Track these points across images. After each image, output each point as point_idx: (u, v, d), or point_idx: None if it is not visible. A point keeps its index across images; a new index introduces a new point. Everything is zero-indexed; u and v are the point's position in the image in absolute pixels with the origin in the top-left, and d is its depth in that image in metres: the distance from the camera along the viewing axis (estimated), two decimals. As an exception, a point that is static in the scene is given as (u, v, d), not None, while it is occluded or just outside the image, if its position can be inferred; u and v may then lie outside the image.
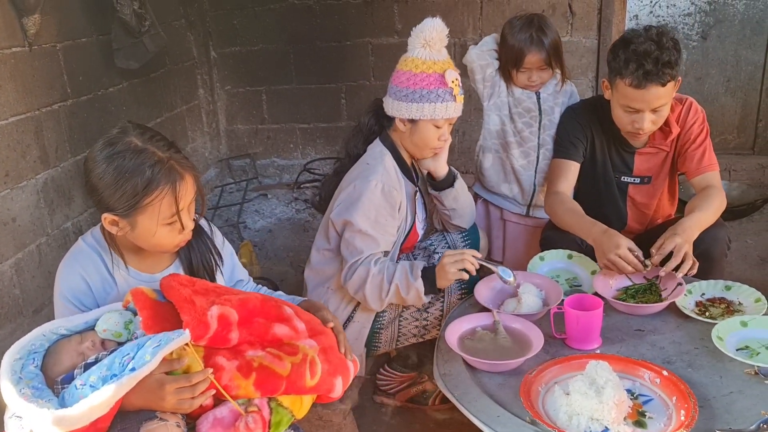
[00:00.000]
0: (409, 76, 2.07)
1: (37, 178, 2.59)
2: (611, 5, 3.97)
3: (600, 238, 2.04)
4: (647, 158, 2.35)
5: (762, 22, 3.98)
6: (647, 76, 2.02)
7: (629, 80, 2.06)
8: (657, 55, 2.02)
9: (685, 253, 1.93)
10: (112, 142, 1.51)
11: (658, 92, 2.06)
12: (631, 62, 2.04)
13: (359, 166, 2.17)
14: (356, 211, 2.06)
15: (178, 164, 1.53)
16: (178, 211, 1.53)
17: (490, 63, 2.60)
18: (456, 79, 2.08)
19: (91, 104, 2.98)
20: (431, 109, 2.06)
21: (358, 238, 2.06)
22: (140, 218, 1.51)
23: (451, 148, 2.29)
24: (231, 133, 4.60)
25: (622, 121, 2.20)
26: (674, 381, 1.57)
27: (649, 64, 2.01)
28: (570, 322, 1.80)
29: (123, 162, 1.47)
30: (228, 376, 1.41)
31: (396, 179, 2.14)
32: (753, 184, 3.94)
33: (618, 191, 2.41)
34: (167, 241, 1.58)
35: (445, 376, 1.73)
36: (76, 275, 1.60)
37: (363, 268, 2.04)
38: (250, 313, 1.51)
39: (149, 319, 1.42)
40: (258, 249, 3.61)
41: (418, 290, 2.02)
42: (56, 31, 2.72)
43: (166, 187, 1.49)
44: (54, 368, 1.43)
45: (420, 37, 2.07)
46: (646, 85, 2.04)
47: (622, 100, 2.13)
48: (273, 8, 4.24)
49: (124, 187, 1.47)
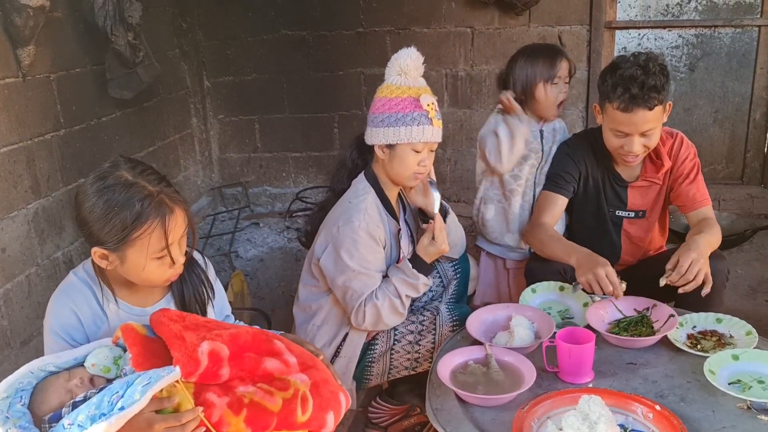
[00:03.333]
0: (384, 102, 2.09)
1: (28, 208, 2.58)
2: (600, 38, 4.04)
3: (582, 258, 2.07)
4: (641, 192, 2.37)
5: (748, 55, 4.05)
6: (633, 99, 2.06)
7: (617, 104, 2.10)
8: (643, 80, 2.06)
9: (701, 270, 1.94)
10: (103, 176, 1.51)
11: (645, 116, 2.09)
12: (618, 86, 2.08)
13: (342, 204, 2.17)
14: (344, 256, 2.06)
15: (168, 198, 1.53)
16: (168, 245, 1.53)
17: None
18: (432, 104, 2.09)
19: (83, 134, 2.99)
20: (407, 133, 2.06)
21: (354, 281, 2.06)
22: (129, 252, 1.51)
23: (443, 177, 2.31)
24: (223, 161, 4.61)
25: (612, 145, 2.23)
26: (667, 416, 1.56)
27: (635, 88, 2.05)
28: (562, 356, 1.80)
29: (113, 196, 1.47)
30: (218, 413, 1.40)
31: (378, 218, 2.14)
32: (742, 213, 3.97)
33: (613, 225, 2.42)
34: (157, 275, 1.58)
35: (437, 411, 1.71)
36: (67, 310, 1.59)
37: (370, 306, 2.06)
38: (240, 348, 1.50)
39: (139, 356, 1.41)
40: (249, 278, 3.59)
41: (425, 284, 2.13)
42: (50, 62, 2.73)
43: (156, 221, 1.49)
44: (42, 406, 1.41)
45: (395, 65, 2.09)
46: (633, 109, 2.07)
47: (611, 124, 2.17)
48: (266, 39, 4.29)
49: (113, 220, 1.47)
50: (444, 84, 4.22)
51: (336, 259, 2.08)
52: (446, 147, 4.28)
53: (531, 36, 4.05)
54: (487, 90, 4.18)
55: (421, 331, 2.21)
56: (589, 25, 4.03)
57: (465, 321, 2.06)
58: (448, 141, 4.26)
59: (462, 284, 2.45)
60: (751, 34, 4.03)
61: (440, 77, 4.21)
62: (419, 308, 2.28)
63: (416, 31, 4.16)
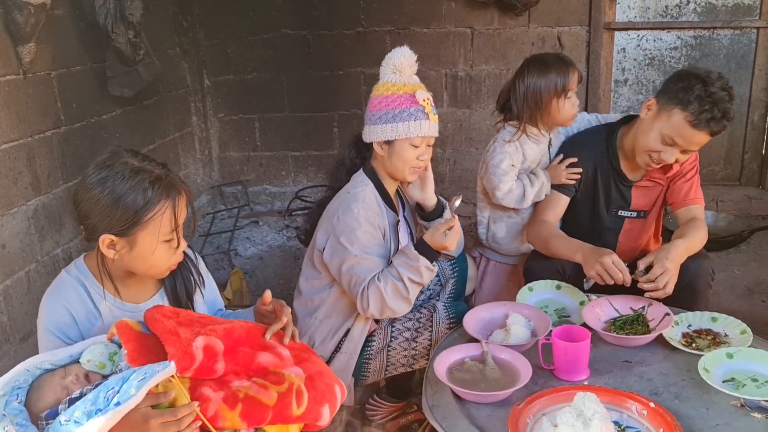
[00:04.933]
0: (381, 99, 2.11)
1: (28, 205, 2.59)
2: (599, 39, 4.05)
3: (589, 252, 2.07)
4: (644, 192, 2.37)
5: (746, 57, 4.06)
6: (710, 122, 2.04)
7: (692, 117, 2.05)
8: (727, 107, 2.04)
9: (670, 281, 1.96)
10: (106, 164, 1.53)
11: (704, 138, 2.08)
12: (705, 102, 2.03)
13: (340, 196, 2.19)
14: (345, 243, 2.06)
15: (175, 181, 1.56)
16: (177, 226, 1.55)
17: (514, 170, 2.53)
18: (427, 99, 2.11)
19: (84, 131, 3.00)
20: (405, 128, 2.07)
21: (356, 267, 2.06)
22: (141, 235, 1.52)
23: (442, 177, 2.32)
24: (223, 160, 4.62)
25: (651, 147, 2.16)
26: (661, 413, 1.58)
27: (718, 112, 2.03)
28: (558, 354, 1.81)
29: (122, 181, 1.49)
30: (214, 408, 1.41)
31: (376, 207, 2.15)
32: (740, 215, 3.98)
33: (611, 225, 2.43)
34: (163, 260, 1.59)
35: (433, 407, 1.72)
36: (60, 307, 1.59)
37: (373, 289, 2.03)
38: (235, 343, 1.51)
39: (134, 352, 1.42)
40: (249, 277, 3.60)
41: (427, 267, 2.05)
42: (51, 59, 2.74)
43: (167, 202, 1.52)
44: (38, 404, 1.41)
45: (390, 64, 2.12)
46: (702, 129, 2.05)
47: (667, 130, 2.11)
48: (266, 38, 4.30)
49: (125, 204, 1.49)
50: (443, 84, 4.23)
51: (338, 248, 2.09)
52: (445, 147, 4.30)
53: (530, 36, 4.06)
54: (487, 90, 4.19)
55: (418, 329, 2.22)
56: (589, 26, 4.04)
57: (462, 319, 2.07)
58: (447, 141, 4.27)
59: (460, 283, 2.47)
60: (750, 35, 4.04)
61: (440, 77, 4.22)
62: (416, 306, 2.29)
63: (416, 30, 4.17)
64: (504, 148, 2.50)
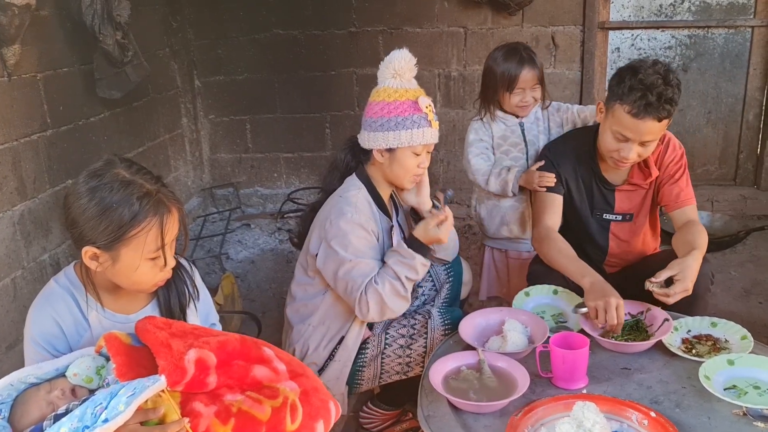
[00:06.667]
0: (383, 106, 2.06)
1: (14, 210, 2.54)
2: (593, 38, 4.03)
3: (597, 283, 2.00)
4: (627, 195, 2.35)
5: (741, 56, 4.05)
6: (648, 107, 2.01)
7: (629, 108, 2.04)
8: (662, 90, 2.01)
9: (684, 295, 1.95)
10: (97, 174, 1.48)
11: (652, 126, 2.05)
12: (636, 90, 2.02)
13: (332, 200, 2.15)
14: (338, 247, 2.03)
15: (166, 198, 1.51)
16: (163, 245, 1.50)
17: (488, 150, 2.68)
18: (429, 105, 2.08)
19: (71, 134, 2.94)
20: (408, 136, 2.04)
21: (351, 271, 2.03)
22: (124, 251, 1.48)
23: (436, 178, 2.29)
24: (214, 162, 4.57)
25: (608, 147, 2.18)
26: (662, 423, 1.55)
27: (653, 96, 2.00)
28: (556, 361, 1.77)
29: (110, 193, 1.44)
30: (206, 423, 1.36)
31: (369, 212, 2.12)
32: (735, 215, 3.97)
33: (600, 228, 2.40)
34: (148, 278, 1.54)
35: (429, 418, 1.69)
36: (48, 318, 1.54)
37: (371, 292, 2.00)
38: (228, 356, 1.47)
39: (123, 366, 1.37)
40: (240, 281, 3.56)
41: (423, 263, 2.04)
42: (37, 61, 2.69)
43: (154, 220, 1.47)
44: (22, 420, 1.37)
45: (389, 68, 2.07)
46: (643, 117, 2.03)
47: (615, 126, 2.11)
48: (257, 38, 4.25)
49: (110, 217, 1.44)
50: (437, 84, 4.20)
51: (331, 253, 2.05)
52: (439, 148, 4.23)
53: (524, 36, 4.03)
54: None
55: (413, 335, 2.18)
56: (583, 26, 4.02)
57: (457, 325, 2.04)
58: (440, 142, 4.14)
59: (455, 288, 2.43)
60: (744, 34, 4.02)
61: (433, 77, 4.19)
62: (411, 312, 2.25)
63: (409, 30, 4.14)
64: (472, 124, 2.71)
